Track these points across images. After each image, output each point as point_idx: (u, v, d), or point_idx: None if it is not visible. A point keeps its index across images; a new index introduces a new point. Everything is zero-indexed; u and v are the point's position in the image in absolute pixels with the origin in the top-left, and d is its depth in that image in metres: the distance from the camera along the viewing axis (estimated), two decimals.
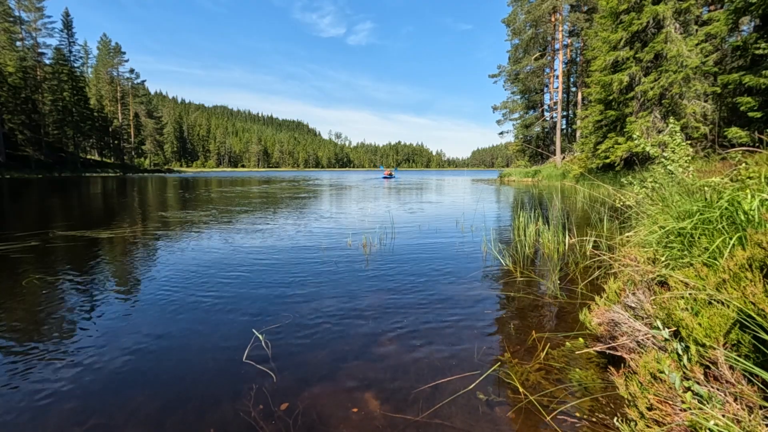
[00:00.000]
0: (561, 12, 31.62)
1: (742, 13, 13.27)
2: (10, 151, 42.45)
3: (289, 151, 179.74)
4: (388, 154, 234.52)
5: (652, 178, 4.62)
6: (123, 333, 2.97)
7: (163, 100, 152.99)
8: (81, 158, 54.74)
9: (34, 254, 5.51)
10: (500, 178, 36.36)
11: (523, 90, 36.47)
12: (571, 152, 31.08)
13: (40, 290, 3.95)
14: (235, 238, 6.92)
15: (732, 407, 1.44)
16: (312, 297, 3.77)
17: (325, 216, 10.30)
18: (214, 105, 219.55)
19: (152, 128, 72.88)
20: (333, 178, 51.18)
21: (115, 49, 65.31)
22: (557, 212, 9.38)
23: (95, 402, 2.10)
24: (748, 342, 1.61)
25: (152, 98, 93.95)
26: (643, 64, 16.78)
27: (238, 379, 2.31)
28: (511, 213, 10.87)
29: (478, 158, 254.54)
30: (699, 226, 2.61)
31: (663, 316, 2.06)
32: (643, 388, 1.71)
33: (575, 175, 22.44)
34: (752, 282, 1.67)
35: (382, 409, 2.03)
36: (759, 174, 3.12)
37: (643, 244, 3.29)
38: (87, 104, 55.52)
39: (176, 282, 4.25)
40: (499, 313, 3.39)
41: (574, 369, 2.39)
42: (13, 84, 43.54)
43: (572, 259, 5.04)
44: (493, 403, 2.07)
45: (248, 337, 2.86)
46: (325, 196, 18.03)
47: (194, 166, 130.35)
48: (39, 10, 47.96)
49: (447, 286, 4.10)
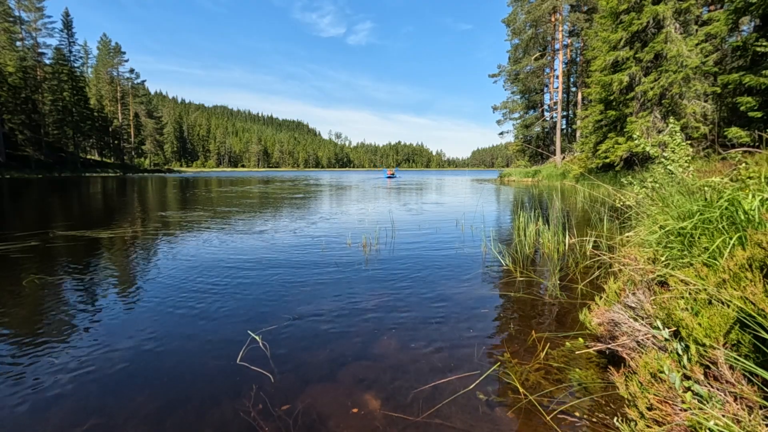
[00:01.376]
0: (561, 12, 31.63)
1: (742, 13, 13.27)
2: (10, 151, 42.46)
3: (289, 151, 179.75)
4: (388, 154, 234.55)
5: (652, 178, 4.62)
6: (124, 333, 2.97)
7: (163, 100, 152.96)
8: (81, 158, 54.73)
9: (34, 254, 5.51)
10: (500, 178, 36.36)
11: (523, 90, 36.49)
12: (571, 152, 31.08)
13: (40, 290, 3.95)
14: (235, 238, 6.92)
15: (732, 407, 1.44)
16: (312, 297, 3.77)
17: (325, 216, 10.30)
18: (214, 105, 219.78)
19: (152, 128, 72.84)
20: (333, 178, 51.16)
21: (115, 49, 65.31)
22: (557, 212, 9.38)
23: (95, 402, 2.10)
24: (748, 342, 1.61)
25: (152, 98, 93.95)
26: (643, 64, 16.77)
27: (238, 379, 2.31)
28: (511, 213, 10.87)
29: (478, 158, 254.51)
30: (699, 226, 2.61)
31: (663, 316, 2.06)
32: (643, 388, 1.71)
33: (575, 175, 22.44)
34: (752, 282, 1.67)
35: (382, 409, 2.03)
36: (759, 174, 3.12)
37: (643, 244, 3.29)
38: (87, 104, 55.51)
39: (176, 282, 4.25)
40: (499, 313, 3.39)
41: (574, 369, 2.39)
42: (13, 84, 43.54)
43: (572, 259, 5.04)
44: (493, 403, 2.07)
45: (247, 337, 2.86)
46: (325, 196, 18.03)
47: (194, 166, 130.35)
48: (39, 10, 47.95)
49: (447, 286, 4.10)
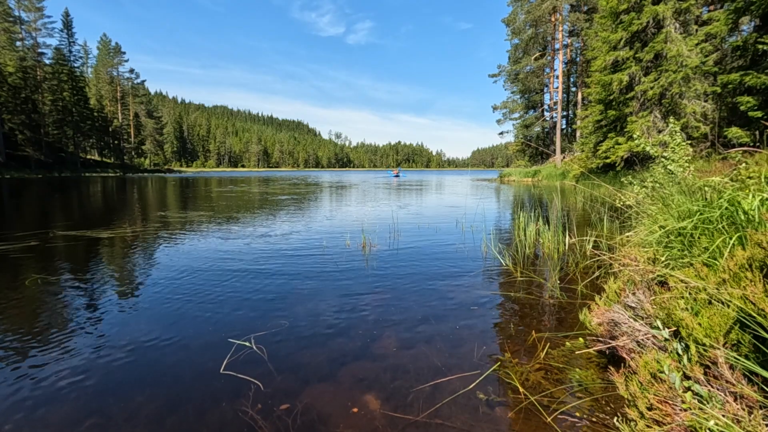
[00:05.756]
0: (561, 12, 31.63)
1: (742, 12, 13.27)
2: (10, 151, 42.47)
3: (289, 151, 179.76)
4: (388, 154, 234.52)
5: (652, 177, 4.62)
6: (124, 332, 2.97)
7: (163, 100, 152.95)
8: (81, 158, 54.76)
9: (34, 254, 5.51)
10: (500, 178, 36.36)
11: (523, 90, 36.50)
12: (571, 152, 31.08)
13: (39, 291, 3.95)
14: (235, 238, 6.92)
15: (732, 407, 1.44)
16: (311, 296, 3.77)
17: (325, 216, 10.30)
18: (213, 105, 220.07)
19: (152, 128, 72.86)
20: (334, 178, 51.17)
21: (115, 49, 65.32)
22: (557, 212, 9.38)
23: (95, 402, 2.10)
24: (748, 341, 1.61)
25: (152, 98, 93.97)
26: (643, 64, 16.78)
27: (238, 378, 2.31)
28: (511, 213, 10.87)
29: (478, 158, 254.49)
30: (699, 225, 2.61)
31: (663, 316, 2.06)
32: (643, 388, 1.71)
33: (575, 175, 22.43)
34: (752, 282, 1.67)
35: (382, 408, 2.03)
36: (759, 174, 3.12)
37: (643, 244, 3.29)
38: (87, 104, 55.52)
39: (176, 281, 4.25)
40: (499, 313, 3.39)
41: (574, 369, 2.39)
42: (13, 84, 43.55)
43: (572, 259, 5.04)
44: (493, 403, 2.07)
45: (247, 337, 2.86)
46: (325, 196, 18.03)
47: (194, 166, 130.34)
48: (39, 10, 47.95)
49: (447, 286, 4.10)
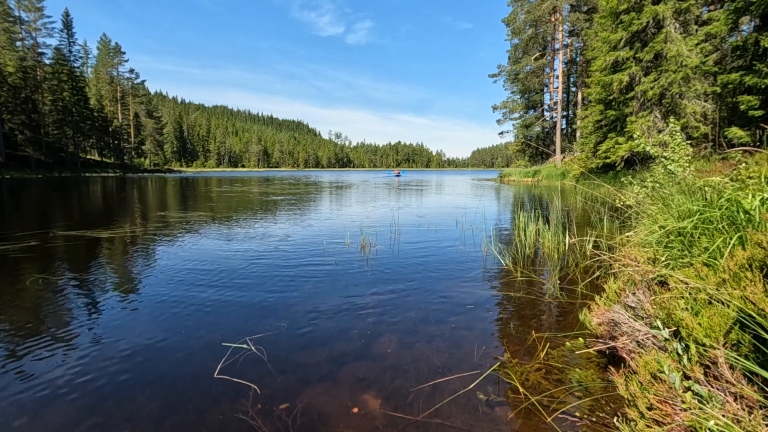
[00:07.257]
0: (561, 12, 31.63)
1: (742, 12, 13.28)
2: (10, 151, 42.46)
3: (289, 151, 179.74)
4: (388, 154, 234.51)
5: (652, 177, 4.62)
6: (124, 333, 2.96)
7: (162, 100, 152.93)
8: (81, 158, 54.74)
9: (34, 254, 5.51)
10: (500, 178, 36.37)
11: (523, 90, 36.50)
12: (571, 152, 31.08)
13: (39, 291, 3.95)
14: (235, 238, 6.92)
15: (732, 407, 1.44)
16: (311, 296, 3.77)
17: (325, 216, 10.30)
18: (213, 105, 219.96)
19: (152, 128, 72.84)
20: (334, 178, 51.17)
21: (115, 49, 65.30)
22: (557, 212, 9.38)
23: (95, 402, 2.10)
24: (748, 341, 1.61)
25: (152, 98, 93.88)
26: (643, 64, 16.77)
27: (238, 378, 2.31)
28: (511, 213, 10.87)
29: (478, 158, 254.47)
30: (699, 225, 2.61)
31: (663, 316, 2.06)
32: (643, 388, 1.71)
33: (575, 175, 22.44)
34: (752, 282, 1.67)
35: (382, 408, 2.03)
36: (759, 174, 3.12)
37: (643, 244, 3.29)
38: (87, 104, 55.50)
39: (176, 281, 4.25)
40: (499, 313, 3.39)
41: (574, 369, 2.39)
42: (13, 84, 43.54)
43: (572, 259, 5.04)
44: (493, 403, 2.07)
45: (247, 337, 2.86)
46: (325, 196, 18.03)
47: (194, 166, 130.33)
48: (39, 10, 47.93)
49: (447, 286, 4.10)
